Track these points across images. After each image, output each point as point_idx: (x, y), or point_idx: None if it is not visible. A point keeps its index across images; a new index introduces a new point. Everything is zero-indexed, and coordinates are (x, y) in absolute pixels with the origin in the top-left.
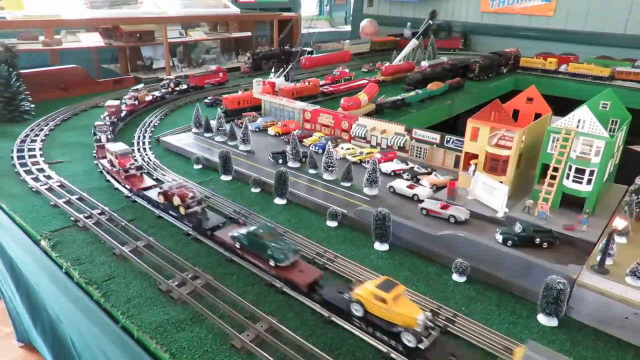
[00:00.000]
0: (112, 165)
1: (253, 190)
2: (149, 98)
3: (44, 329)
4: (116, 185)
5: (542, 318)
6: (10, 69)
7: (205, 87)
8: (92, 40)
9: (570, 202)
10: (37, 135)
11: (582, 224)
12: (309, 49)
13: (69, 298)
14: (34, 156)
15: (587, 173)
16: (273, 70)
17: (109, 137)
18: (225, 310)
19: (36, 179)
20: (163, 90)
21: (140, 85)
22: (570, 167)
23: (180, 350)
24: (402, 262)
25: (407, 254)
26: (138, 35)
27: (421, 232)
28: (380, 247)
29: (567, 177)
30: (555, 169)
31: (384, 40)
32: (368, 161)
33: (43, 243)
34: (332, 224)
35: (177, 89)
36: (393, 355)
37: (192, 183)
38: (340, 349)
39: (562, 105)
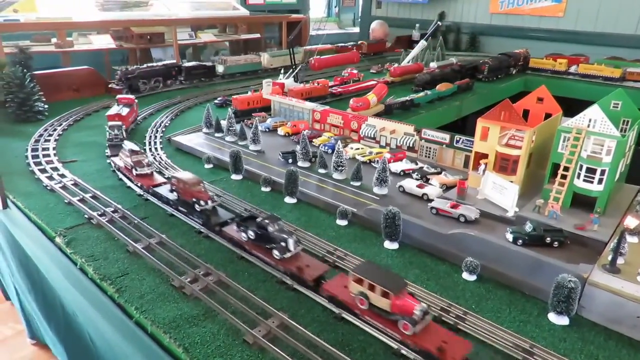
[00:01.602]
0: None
1: (263, 189)
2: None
3: (59, 326)
4: (129, 183)
5: (553, 317)
6: (25, 70)
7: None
8: (103, 42)
9: (581, 202)
10: (50, 135)
11: (593, 223)
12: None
13: (84, 294)
14: (48, 155)
15: (598, 173)
16: (282, 71)
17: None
18: (237, 306)
19: (50, 178)
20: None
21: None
22: (581, 166)
23: (193, 345)
24: (412, 261)
25: (416, 252)
26: (148, 37)
27: (431, 231)
28: (390, 245)
29: (578, 177)
30: (566, 169)
31: (320, 50)
32: (377, 161)
33: (58, 240)
34: (342, 222)
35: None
36: (403, 351)
37: (204, 182)
38: (351, 345)
39: (572, 107)
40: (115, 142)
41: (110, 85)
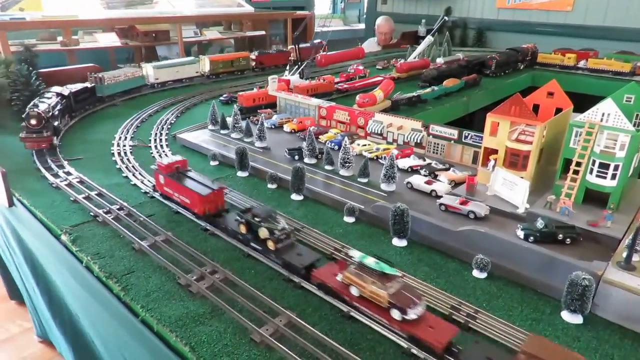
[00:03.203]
0: None
1: (269, 186)
2: None
3: (63, 323)
4: (134, 181)
5: (566, 315)
6: (30, 68)
7: None
8: (109, 40)
9: (593, 198)
10: (56, 132)
11: (606, 220)
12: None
13: (89, 292)
14: (54, 153)
15: (611, 168)
16: (288, 67)
17: None
18: (244, 304)
19: (56, 175)
20: None
21: None
22: (594, 161)
23: (200, 344)
24: (420, 258)
25: (425, 250)
26: (153, 34)
27: (440, 227)
28: (398, 242)
29: (591, 172)
30: (578, 164)
31: (236, 57)
32: (384, 157)
33: (63, 237)
34: (350, 219)
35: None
36: (414, 351)
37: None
38: (360, 344)
39: (581, 102)
40: (285, 241)
41: (22, 135)
